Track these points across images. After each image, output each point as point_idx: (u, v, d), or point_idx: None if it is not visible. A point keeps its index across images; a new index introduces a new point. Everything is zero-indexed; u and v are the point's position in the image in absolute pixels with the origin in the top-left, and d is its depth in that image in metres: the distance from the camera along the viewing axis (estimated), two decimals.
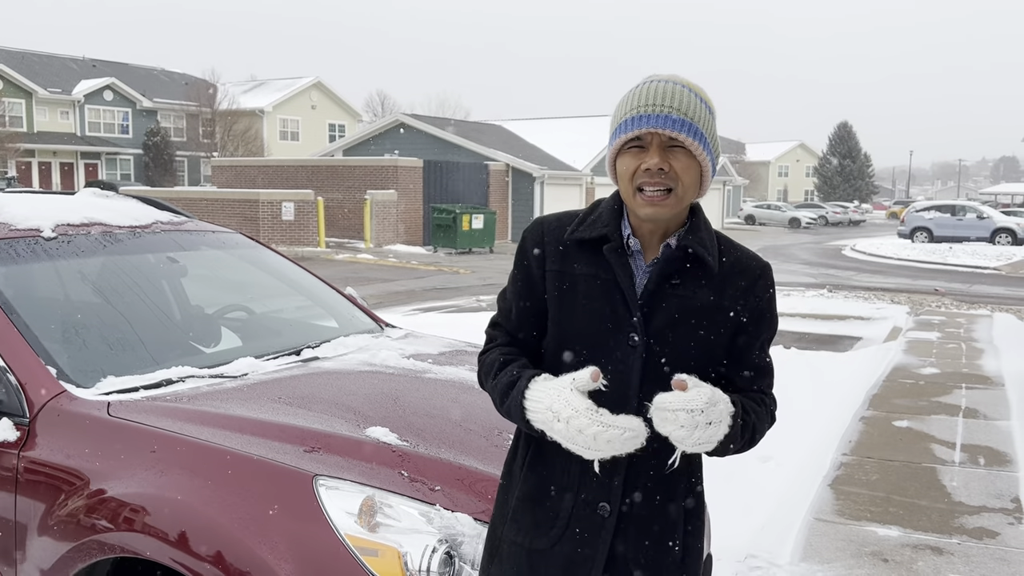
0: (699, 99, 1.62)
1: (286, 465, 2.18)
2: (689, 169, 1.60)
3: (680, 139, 1.57)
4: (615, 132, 1.63)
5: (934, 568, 3.73)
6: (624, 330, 1.63)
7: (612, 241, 1.65)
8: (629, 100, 1.62)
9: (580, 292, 1.66)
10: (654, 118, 1.57)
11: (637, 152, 1.60)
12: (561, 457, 1.66)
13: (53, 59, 49.92)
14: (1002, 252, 25.45)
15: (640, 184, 1.59)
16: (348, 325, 3.64)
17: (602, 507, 1.66)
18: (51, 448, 2.37)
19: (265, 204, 21.85)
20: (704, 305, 1.64)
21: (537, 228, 1.73)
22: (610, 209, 1.69)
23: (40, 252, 2.98)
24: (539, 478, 1.72)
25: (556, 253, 1.68)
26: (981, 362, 8.20)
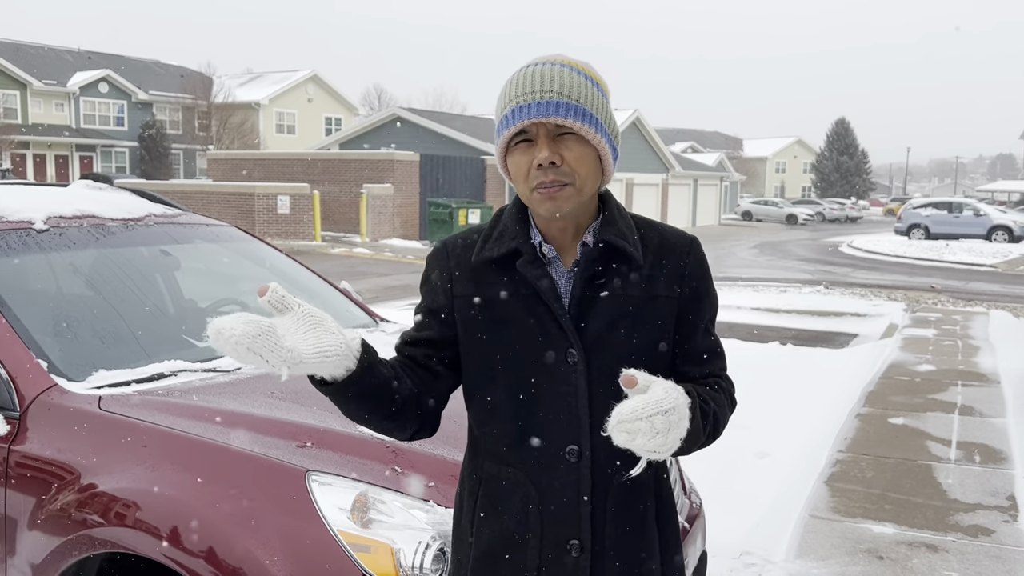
0: (585, 77, 1.44)
1: (279, 460, 2.16)
2: (584, 157, 1.43)
3: (568, 125, 1.41)
4: (498, 128, 1.47)
5: (929, 565, 3.73)
6: (559, 348, 1.47)
7: (524, 253, 1.48)
8: (507, 90, 1.46)
9: (500, 316, 1.49)
10: (535, 106, 1.40)
11: (527, 147, 1.43)
12: (517, 497, 1.51)
13: (48, 51, 49.72)
14: (999, 249, 25.48)
15: (535, 184, 1.43)
16: (343, 320, 3.61)
17: (572, 545, 1.49)
18: (41, 442, 2.35)
19: (261, 198, 21.79)
20: (638, 300, 1.49)
21: (441, 252, 1.56)
22: (514, 217, 1.52)
23: (32, 244, 2.95)
24: (495, 529, 1.53)
25: (466, 277, 1.52)
26: (977, 359, 8.21)
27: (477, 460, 1.58)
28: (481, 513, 1.55)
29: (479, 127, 31.94)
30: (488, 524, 1.54)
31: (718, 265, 20.97)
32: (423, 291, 1.59)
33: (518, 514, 1.51)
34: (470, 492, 1.58)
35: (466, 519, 1.59)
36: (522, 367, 1.49)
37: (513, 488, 1.52)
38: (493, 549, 1.53)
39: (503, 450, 1.52)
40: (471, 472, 1.59)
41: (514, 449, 1.51)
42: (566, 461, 1.49)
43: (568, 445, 1.48)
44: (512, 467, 1.52)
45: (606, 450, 1.45)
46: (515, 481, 1.52)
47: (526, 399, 1.49)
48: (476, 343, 1.51)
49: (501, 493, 1.53)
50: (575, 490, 1.49)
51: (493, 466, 1.54)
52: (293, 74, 54.08)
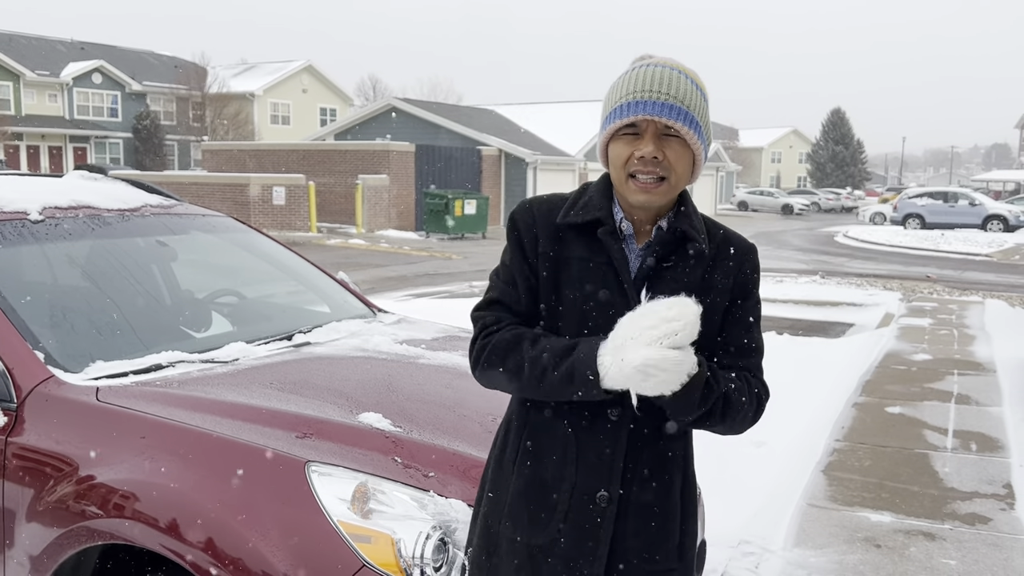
0: (694, 85, 1.59)
1: (278, 451, 2.15)
2: (683, 158, 1.58)
3: (676, 128, 1.55)
4: (608, 117, 1.60)
5: (926, 553, 3.74)
6: (620, 313, 1.59)
7: (606, 224, 1.63)
8: (623, 84, 1.59)
9: (574, 275, 1.63)
10: (650, 105, 1.54)
11: (631, 139, 1.57)
12: (558, 445, 1.65)
13: (41, 41, 49.42)
14: (994, 239, 25.52)
15: (633, 171, 1.57)
16: (340, 310, 3.61)
17: (601, 496, 1.64)
18: (39, 434, 2.34)
19: (256, 189, 21.72)
20: (697, 285, 1.63)
21: (527, 210, 1.70)
22: (600, 193, 1.67)
23: (27, 235, 2.93)
24: (534, 471, 1.68)
25: (548, 236, 1.65)
26: (973, 348, 8.23)
27: (527, 406, 1.70)
28: (524, 455, 1.68)
29: (475, 118, 31.86)
30: (529, 465, 1.68)
31: None
32: (509, 245, 1.70)
33: (557, 460, 1.65)
34: (516, 435, 1.71)
35: (509, 458, 1.72)
36: (583, 326, 1.62)
37: (556, 436, 1.65)
38: (530, 488, 1.67)
39: (556, 402, 1.64)
40: (520, 416, 1.71)
41: (565, 402, 1.63)
42: (608, 419, 1.62)
43: (612, 407, 1.61)
44: (558, 417, 1.65)
45: (646, 416, 1.62)
46: (559, 431, 1.65)
47: None
48: (551, 296, 1.65)
49: (545, 439, 1.66)
50: (611, 447, 1.63)
51: (541, 415, 1.67)
52: (288, 64, 53.86)
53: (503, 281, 1.71)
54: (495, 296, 1.71)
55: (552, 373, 1.57)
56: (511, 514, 1.69)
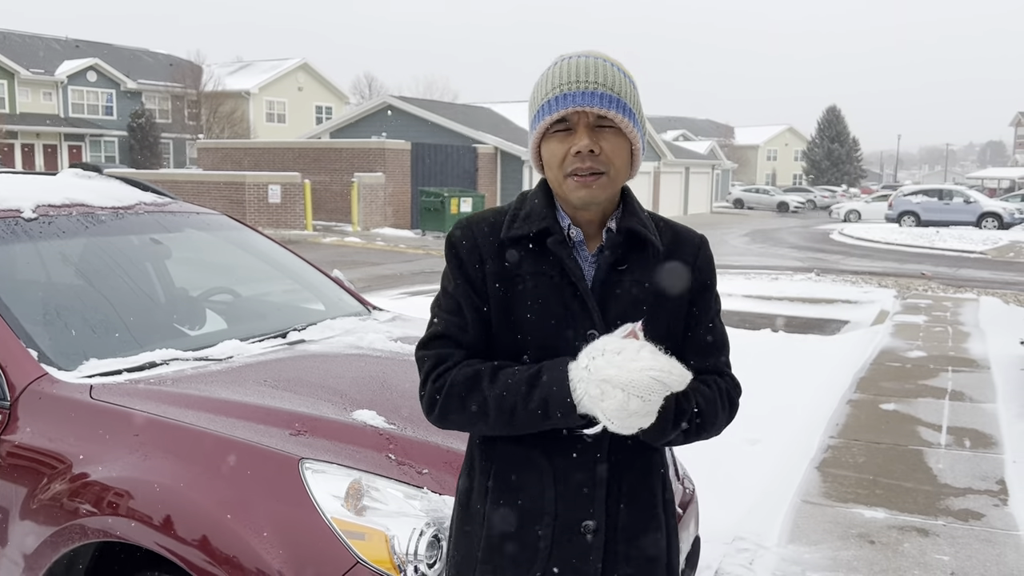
0: (621, 72, 1.51)
1: (272, 448, 2.15)
2: (620, 148, 1.49)
3: (610, 116, 1.46)
4: (536, 116, 1.51)
5: (920, 549, 3.76)
6: (581, 326, 1.51)
7: (554, 234, 1.52)
8: (549, 79, 1.50)
9: (528, 292, 1.52)
10: (579, 95, 1.45)
11: (563, 136, 1.48)
12: (532, 477, 1.53)
13: (35, 39, 49.27)
14: (988, 236, 25.57)
15: (571, 170, 1.48)
16: (335, 308, 3.61)
17: (586, 526, 1.52)
18: (33, 432, 2.34)
19: (251, 187, 21.69)
20: (655, 287, 1.55)
21: (466, 230, 1.57)
22: (542, 200, 1.56)
23: (20, 233, 2.93)
24: (508, 509, 1.54)
25: (493, 254, 1.54)
26: (967, 345, 8.25)
27: (490, 440, 1.56)
28: (495, 493, 1.55)
29: (470, 115, 31.85)
30: (502, 504, 1.55)
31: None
32: (449, 271, 1.57)
33: (533, 493, 1.53)
34: (482, 472, 1.58)
35: (477, 500, 1.58)
36: (544, 345, 1.51)
37: (528, 467, 1.53)
38: (506, 529, 1.54)
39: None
40: (483, 453, 1.58)
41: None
42: (583, 441, 1.51)
43: (586, 426, 1.49)
44: (528, 446, 1.52)
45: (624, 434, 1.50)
46: (531, 460, 1.53)
47: None
48: (504, 318, 1.53)
49: (516, 472, 1.54)
50: (591, 471, 1.52)
51: (508, 446, 1.54)
52: (283, 63, 53.75)
53: (446, 312, 1.56)
54: (439, 330, 1.55)
55: (523, 409, 1.44)
56: (487, 560, 1.55)
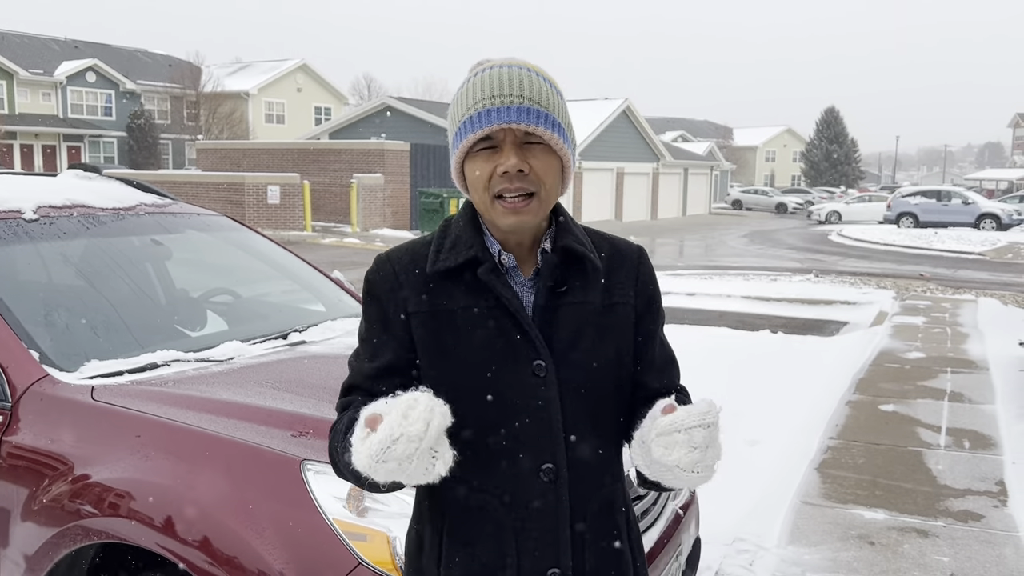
0: (547, 83, 1.39)
1: (273, 450, 2.16)
2: (550, 166, 1.38)
3: (538, 133, 1.35)
4: (458, 134, 1.38)
5: (919, 550, 3.76)
6: (527, 360, 1.39)
7: (484, 262, 1.40)
8: (469, 94, 1.37)
9: (460, 330, 1.39)
10: (504, 111, 1.33)
11: (488, 154, 1.36)
12: (489, 526, 1.40)
13: (34, 40, 49.26)
14: (987, 237, 25.60)
15: (498, 191, 1.36)
16: (335, 309, 3.61)
17: (553, 573, 1.41)
18: (34, 433, 2.34)
19: (251, 188, 21.70)
20: (600, 308, 1.44)
21: (385, 266, 1.45)
22: (468, 226, 1.43)
23: (21, 234, 2.93)
24: (464, 565, 1.41)
25: (418, 291, 1.41)
26: (966, 346, 8.26)
27: (437, 490, 1.40)
28: (448, 548, 1.42)
29: None
30: (457, 559, 1.42)
31: (708, 254, 21.02)
32: (370, 312, 1.45)
33: (491, 545, 1.40)
34: (432, 526, 1.45)
35: (429, 558, 1.45)
36: (488, 383, 1.38)
37: (484, 516, 1.40)
38: None
39: (471, 474, 1.39)
40: (431, 505, 1.45)
41: (484, 472, 1.40)
42: (541, 481, 1.40)
43: (543, 463, 1.39)
44: (482, 492, 1.40)
45: (583, 467, 1.42)
46: (486, 507, 1.40)
47: (494, 416, 1.39)
48: (436, 361, 1.40)
49: (470, 523, 1.41)
50: (552, 513, 1.40)
51: (457, 492, 1.41)
52: (282, 63, 53.76)
53: (361, 359, 1.45)
54: (347, 382, 1.45)
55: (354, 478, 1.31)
56: None
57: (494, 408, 1.39)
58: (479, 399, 1.39)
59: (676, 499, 2.90)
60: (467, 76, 1.42)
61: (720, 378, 6.41)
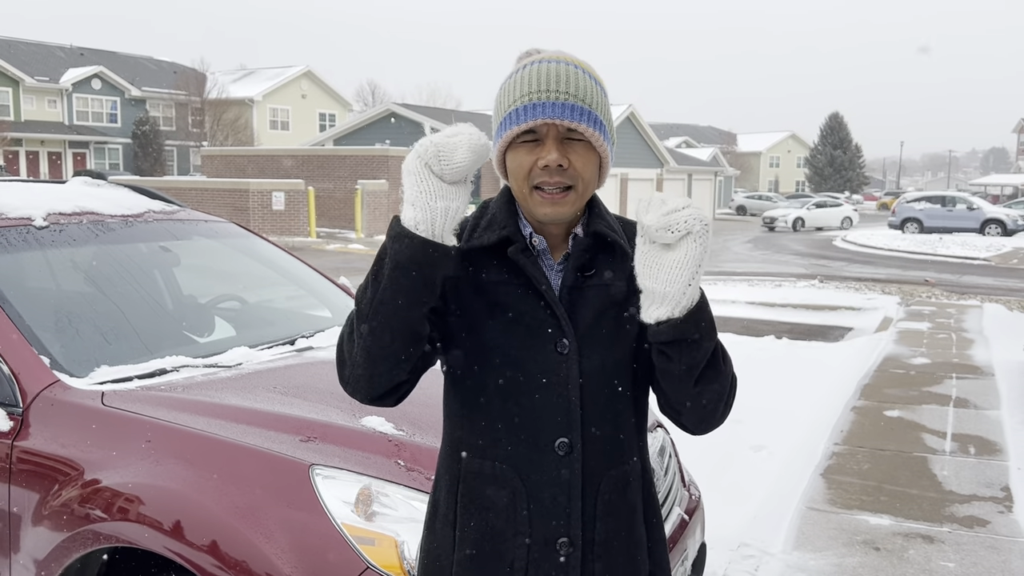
0: (593, 80, 1.42)
1: (282, 455, 2.17)
2: (589, 162, 1.42)
3: (580, 130, 1.39)
4: (502, 124, 1.42)
5: (925, 556, 3.76)
6: (551, 337, 1.44)
7: (516, 242, 1.45)
8: (516, 86, 1.41)
9: (491, 304, 1.45)
10: (550, 106, 1.37)
11: (531, 146, 1.40)
12: (503, 494, 1.45)
13: (40, 47, 49.51)
14: (992, 243, 25.56)
15: (538, 183, 1.40)
16: (342, 315, 3.62)
17: (562, 543, 1.45)
18: (45, 438, 2.36)
19: (255, 194, 21.76)
20: (626, 292, 1.47)
21: None
22: (503, 208, 1.48)
23: (32, 241, 2.96)
24: (480, 529, 1.46)
25: (456, 260, 1.44)
26: (971, 352, 8.25)
27: (456, 456, 1.50)
28: (463, 513, 1.48)
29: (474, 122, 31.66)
30: (472, 524, 1.47)
31: (713, 260, 21.00)
32: None
33: (504, 512, 1.45)
34: (448, 491, 1.50)
35: (444, 521, 1.50)
36: (512, 356, 1.44)
37: (499, 484, 1.46)
38: (478, 550, 1.47)
39: (488, 443, 1.46)
40: (448, 470, 1.51)
41: (501, 442, 1.45)
42: (555, 455, 1.44)
43: (558, 438, 1.44)
44: (498, 461, 1.46)
45: (597, 444, 1.46)
46: (501, 476, 1.46)
47: (514, 389, 1.44)
48: (465, 329, 1.46)
49: (486, 490, 1.46)
50: (565, 485, 1.44)
51: (475, 461, 1.47)
52: (287, 70, 53.96)
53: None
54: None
55: (375, 281, 1.36)
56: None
57: (516, 381, 1.44)
58: (502, 371, 1.44)
59: (681, 504, 2.91)
60: (515, 67, 1.46)
61: None
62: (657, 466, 2.76)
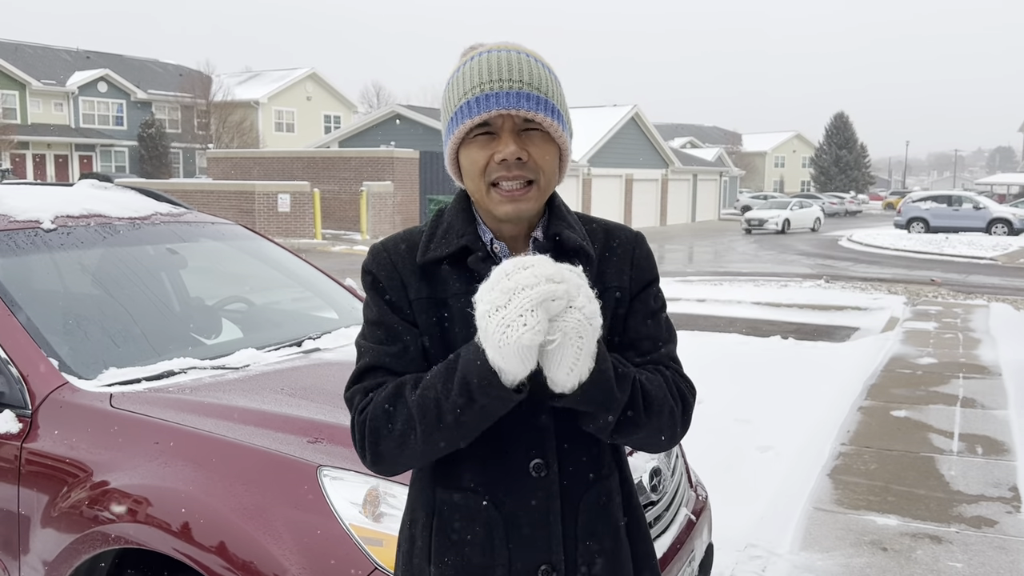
0: (547, 69, 1.36)
1: (290, 456, 2.18)
2: (549, 154, 1.35)
3: (537, 120, 1.32)
4: (453, 119, 1.34)
5: (933, 556, 3.75)
6: None
7: (476, 251, 1.38)
8: (466, 77, 1.33)
9: (456, 317, 1.36)
10: (504, 96, 1.30)
11: (485, 140, 1.33)
12: (479, 524, 1.39)
13: (46, 50, 49.70)
14: (998, 242, 25.49)
15: (495, 179, 1.33)
16: (348, 316, 3.63)
17: (543, 570, 1.39)
18: (54, 440, 2.37)
19: (261, 196, 21.80)
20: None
21: (381, 256, 1.42)
22: (460, 215, 1.41)
23: (40, 244, 2.97)
24: (454, 567, 1.40)
25: (415, 279, 1.39)
26: (978, 352, 8.23)
27: (428, 487, 1.43)
28: (438, 548, 1.41)
29: None
30: (447, 560, 1.40)
31: (718, 260, 20.99)
32: (371, 299, 1.41)
33: (481, 543, 1.38)
34: (423, 525, 1.43)
35: (420, 556, 1.43)
36: None
37: (473, 513, 1.39)
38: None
39: (460, 471, 1.39)
40: (421, 502, 1.44)
41: (473, 468, 1.38)
42: (531, 477, 1.38)
43: (533, 459, 1.37)
44: (471, 490, 1.39)
45: (573, 460, 1.40)
46: (475, 506, 1.39)
47: None
48: (437, 348, 1.37)
49: (460, 521, 1.39)
50: (544, 509, 1.38)
51: (447, 492, 1.40)
52: (292, 72, 54.07)
53: (373, 342, 1.39)
54: (367, 363, 1.38)
55: (446, 400, 1.25)
56: None
57: None
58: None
59: (688, 505, 2.91)
60: (460, 61, 1.38)
61: (731, 385, 6.41)
62: (664, 466, 2.76)
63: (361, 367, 1.38)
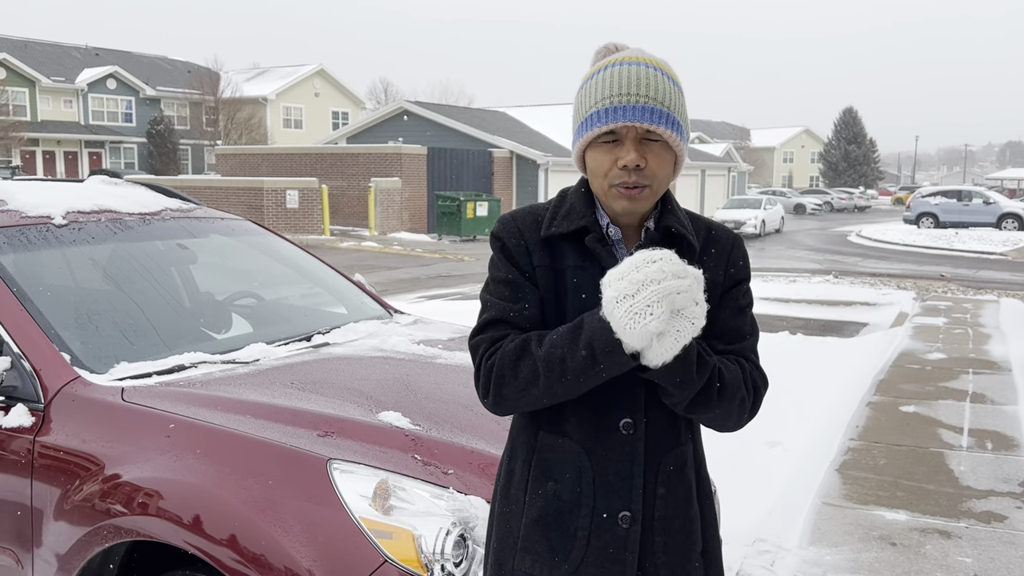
0: (670, 81, 1.51)
1: (300, 449, 2.19)
2: (665, 162, 1.52)
3: (659, 132, 1.48)
4: (584, 123, 1.52)
5: (942, 551, 3.75)
6: None
7: (593, 232, 1.56)
8: (597, 87, 1.51)
9: (570, 287, 1.56)
10: (629, 110, 1.46)
11: (611, 147, 1.50)
12: (571, 467, 1.56)
13: (56, 48, 49.89)
14: (1008, 237, 25.36)
15: (615, 182, 1.50)
16: (357, 311, 3.65)
17: (623, 516, 1.55)
18: (66, 433, 2.39)
19: (269, 192, 21.85)
20: None
21: (510, 223, 1.61)
22: (582, 199, 1.59)
23: (51, 239, 2.99)
24: (548, 498, 1.58)
25: (538, 248, 1.57)
26: (988, 347, 8.19)
27: (531, 429, 1.61)
28: (534, 483, 1.59)
29: (486, 120, 31.92)
30: (541, 492, 1.58)
31: None
32: (499, 261, 1.59)
33: (571, 483, 1.56)
34: (523, 461, 1.61)
35: (517, 487, 1.62)
36: None
37: (567, 458, 1.56)
38: (545, 516, 1.57)
39: (560, 420, 1.56)
40: (524, 442, 1.62)
41: (571, 419, 1.55)
42: (620, 434, 1.54)
43: (623, 418, 1.54)
44: (567, 437, 1.56)
45: (658, 425, 1.56)
46: (570, 451, 1.56)
47: None
48: (551, 313, 1.56)
49: (555, 462, 1.57)
50: (628, 462, 1.55)
51: (548, 436, 1.58)
52: (300, 68, 54.13)
53: (498, 298, 1.57)
54: (493, 315, 1.56)
55: (571, 358, 1.44)
56: (527, 548, 1.59)
57: None
58: None
59: None
60: (597, 67, 1.55)
61: None
62: None
63: (486, 319, 1.57)
